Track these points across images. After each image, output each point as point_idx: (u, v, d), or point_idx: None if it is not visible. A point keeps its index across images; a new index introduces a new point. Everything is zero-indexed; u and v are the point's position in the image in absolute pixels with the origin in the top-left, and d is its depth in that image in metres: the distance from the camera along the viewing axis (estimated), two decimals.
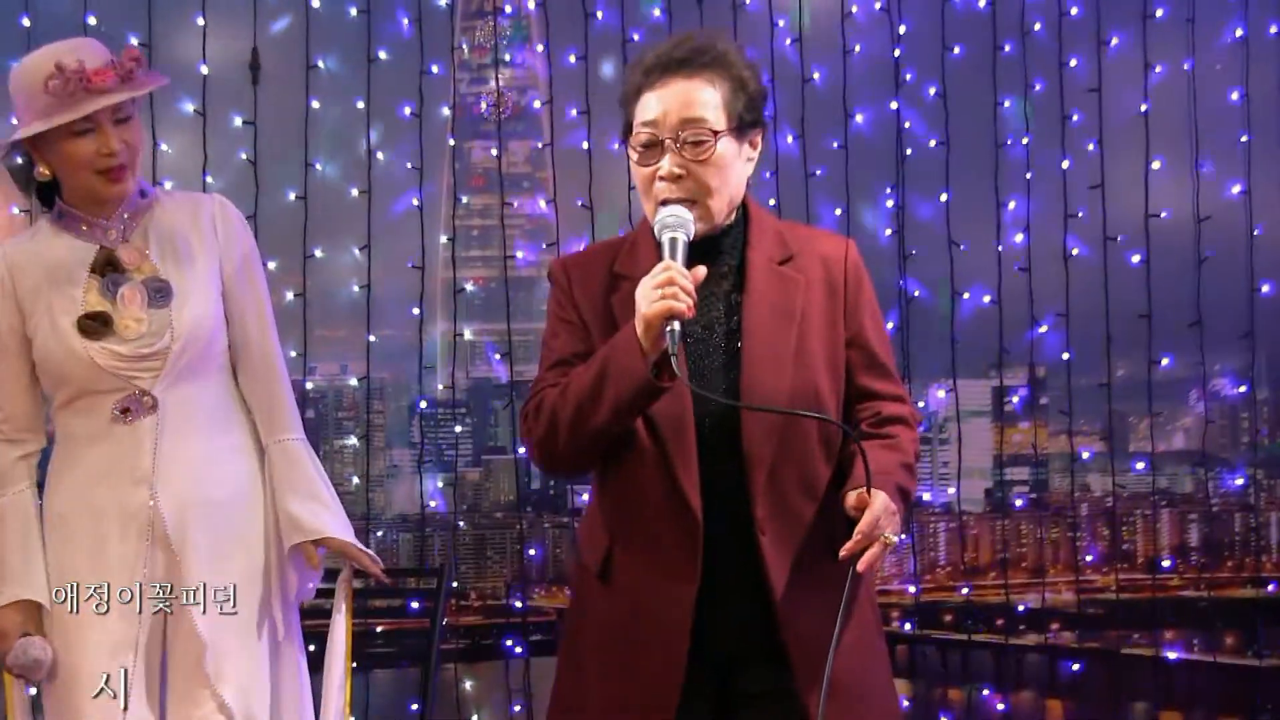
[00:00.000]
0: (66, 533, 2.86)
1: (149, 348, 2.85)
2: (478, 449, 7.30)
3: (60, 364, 2.85)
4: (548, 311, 2.61)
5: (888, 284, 5.58)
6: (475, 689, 5.71)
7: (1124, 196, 5.62)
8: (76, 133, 2.82)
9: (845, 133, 5.62)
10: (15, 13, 5.23)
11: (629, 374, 2.35)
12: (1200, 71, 5.65)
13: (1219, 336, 5.68)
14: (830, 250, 2.57)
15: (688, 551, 2.42)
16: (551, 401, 2.46)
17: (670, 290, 2.31)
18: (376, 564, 3.00)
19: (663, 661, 2.42)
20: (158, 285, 2.89)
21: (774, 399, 2.43)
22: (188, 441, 2.88)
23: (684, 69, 2.45)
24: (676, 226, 2.40)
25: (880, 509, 2.34)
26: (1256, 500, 6.32)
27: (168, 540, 2.83)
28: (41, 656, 2.80)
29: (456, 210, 5.93)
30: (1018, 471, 6.73)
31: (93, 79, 2.79)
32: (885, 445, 2.49)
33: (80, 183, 2.87)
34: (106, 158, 2.83)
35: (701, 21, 5.49)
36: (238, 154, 5.28)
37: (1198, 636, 6.28)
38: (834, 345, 2.52)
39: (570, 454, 2.49)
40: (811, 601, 2.41)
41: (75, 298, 2.86)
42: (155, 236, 2.93)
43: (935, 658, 6.10)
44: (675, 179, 2.44)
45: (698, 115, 2.43)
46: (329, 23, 5.47)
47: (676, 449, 2.42)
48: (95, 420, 2.86)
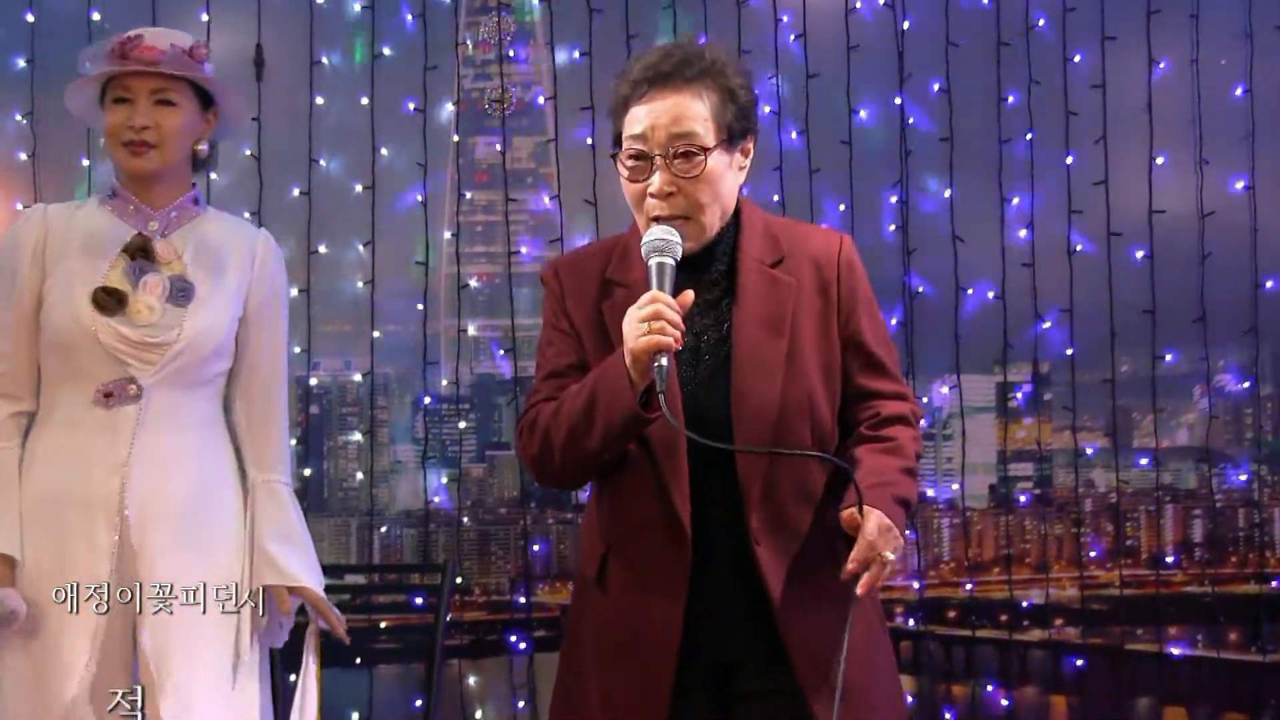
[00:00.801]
0: (32, 523, 2.85)
1: (153, 338, 2.86)
2: (482, 445, 7.29)
3: (62, 330, 2.86)
4: (543, 316, 2.60)
5: (892, 280, 5.58)
6: (479, 685, 5.71)
7: (1128, 192, 5.62)
8: (115, 100, 2.88)
9: (849, 128, 5.62)
10: (19, 9, 5.25)
11: (618, 404, 2.33)
12: (1204, 66, 5.64)
13: (1223, 332, 5.68)
14: (822, 250, 2.54)
15: (677, 566, 2.41)
16: (545, 421, 2.45)
17: (658, 325, 2.28)
18: (342, 624, 2.97)
19: (653, 669, 2.42)
20: (182, 285, 2.91)
21: (765, 408, 2.41)
22: (166, 442, 2.87)
23: (671, 82, 2.41)
24: (664, 250, 2.36)
25: (874, 531, 2.32)
26: (1260, 496, 6.31)
27: (130, 537, 2.82)
28: (16, 607, 2.78)
29: (460, 206, 5.93)
30: (1022, 467, 6.72)
31: (139, 49, 2.85)
32: (885, 449, 2.47)
33: (112, 154, 2.92)
34: (130, 130, 2.86)
35: (706, 17, 5.49)
36: (242, 149, 5.28)
37: (1201, 632, 6.27)
38: (828, 349, 2.50)
39: (564, 473, 2.50)
40: (811, 605, 2.40)
41: (99, 269, 2.89)
42: (194, 242, 2.96)
43: (939, 653, 6.09)
44: (666, 196, 2.41)
45: (687, 130, 2.40)
46: (333, 19, 5.48)
47: (668, 466, 2.41)
48: (76, 401, 2.86)
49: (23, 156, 5.27)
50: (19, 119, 5.28)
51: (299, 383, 5.63)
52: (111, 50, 2.88)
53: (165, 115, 2.89)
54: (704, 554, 2.41)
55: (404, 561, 6.38)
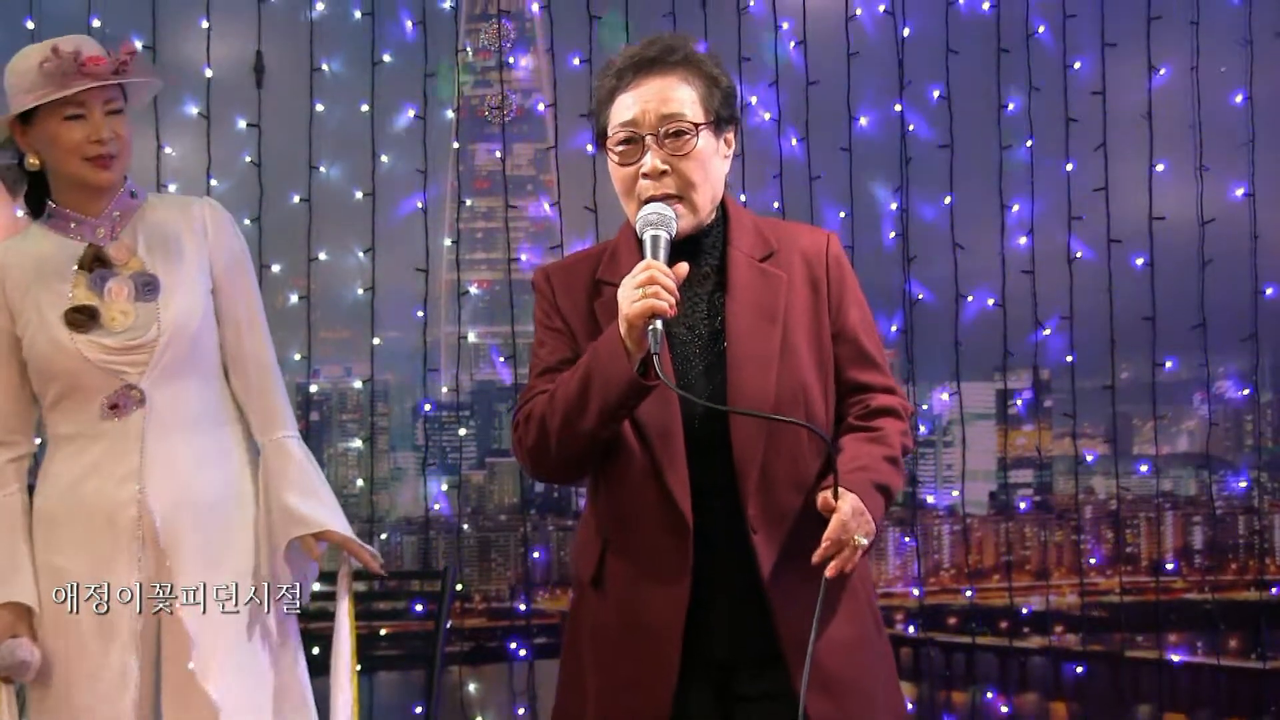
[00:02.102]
0: (56, 532, 2.87)
1: (135, 340, 2.86)
2: (482, 451, 7.30)
3: (49, 358, 2.86)
4: (534, 321, 2.62)
5: (892, 287, 5.58)
6: (479, 691, 5.70)
7: (1128, 199, 5.62)
8: (67, 118, 2.86)
9: (849, 135, 5.62)
10: (20, 15, 5.25)
11: (614, 375, 2.34)
12: (1204, 73, 5.64)
13: (1223, 339, 5.67)
14: (811, 245, 2.56)
15: (679, 554, 2.42)
16: (540, 410, 2.47)
17: (652, 289, 2.31)
18: (376, 559, 3.00)
19: (656, 666, 2.43)
20: (145, 280, 2.91)
21: (760, 400, 2.42)
22: (176, 441, 2.88)
23: (657, 67, 2.47)
24: (659, 224, 2.40)
25: (848, 513, 2.33)
26: (1260, 503, 6.31)
27: (157, 540, 2.83)
28: (28, 658, 2.80)
29: (460, 213, 5.94)
30: (1022, 474, 6.73)
31: (86, 63, 2.84)
32: (869, 438, 2.49)
33: (69, 170, 2.89)
34: (95, 144, 2.86)
35: (706, 23, 5.49)
36: (242, 156, 5.28)
37: (1201, 639, 6.26)
38: (820, 342, 2.52)
39: (561, 461, 2.50)
40: (805, 599, 2.39)
41: (63, 293, 2.89)
42: (144, 235, 2.95)
43: (939, 660, 6.09)
44: (659, 175, 2.44)
45: (676, 110, 2.44)
46: (333, 25, 5.48)
47: (664, 453, 2.42)
48: (84, 418, 2.87)
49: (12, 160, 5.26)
50: None
51: (299, 389, 5.62)
52: (56, 67, 2.83)
53: (119, 124, 2.89)
54: (701, 543, 2.42)
55: (404, 568, 6.37)
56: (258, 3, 5.31)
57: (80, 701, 2.82)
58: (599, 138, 2.53)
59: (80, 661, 2.83)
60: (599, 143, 2.53)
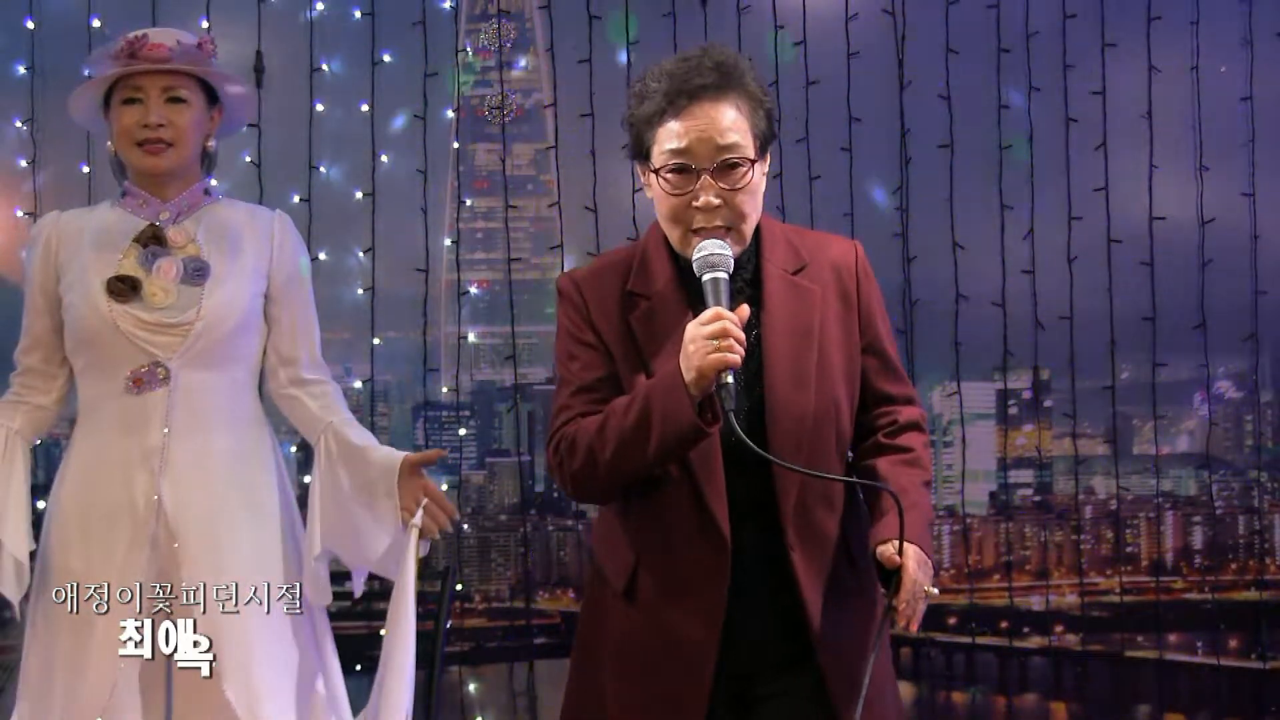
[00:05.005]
0: (67, 526, 2.87)
1: (172, 319, 2.88)
2: (482, 452, 7.28)
3: (83, 320, 2.88)
4: (559, 329, 2.58)
5: (892, 287, 5.57)
6: (479, 692, 5.70)
7: (1128, 199, 5.62)
8: (124, 101, 2.90)
9: (849, 135, 5.62)
10: (19, 15, 5.24)
11: (675, 420, 2.33)
12: (1204, 73, 5.64)
13: (1223, 339, 5.68)
14: (840, 256, 2.58)
15: (716, 572, 2.43)
16: (587, 439, 2.43)
17: (725, 343, 2.29)
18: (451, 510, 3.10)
19: (690, 683, 2.43)
20: (197, 265, 2.93)
21: (799, 418, 2.43)
22: (198, 429, 2.89)
23: (708, 94, 2.41)
24: (719, 265, 2.37)
25: (914, 568, 2.36)
26: (1260, 502, 6.31)
27: (171, 535, 2.83)
28: None
29: (460, 213, 5.93)
30: (1021, 474, 6.73)
31: (147, 48, 2.86)
32: (905, 461, 2.51)
33: (123, 153, 2.95)
34: (144, 129, 2.88)
35: (705, 23, 5.48)
36: (241, 156, 5.28)
37: (1201, 639, 6.27)
38: (851, 355, 2.53)
39: (606, 488, 2.50)
40: (834, 609, 2.43)
41: (112, 261, 2.92)
42: (206, 226, 2.99)
43: (939, 660, 6.08)
44: (713, 209, 2.41)
45: (731, 142, 2.40)
46: (333, 25, 5.48)
47: (704, 471, 2.42)
48: (108, 387, 2.88)
49: (23, 163, 5.26)
50: (19, 125, 5.27)
51: None
52: (119, 51, 2.89)
53: (177, 113, 2.91)
54: (738, 564, 2.43)
55: None
56: (258, 3, 5.30)
57: (75, 690, 2.82)
58: (638, 153, 2.49)
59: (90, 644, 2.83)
60: (636, 156, 2.49)
